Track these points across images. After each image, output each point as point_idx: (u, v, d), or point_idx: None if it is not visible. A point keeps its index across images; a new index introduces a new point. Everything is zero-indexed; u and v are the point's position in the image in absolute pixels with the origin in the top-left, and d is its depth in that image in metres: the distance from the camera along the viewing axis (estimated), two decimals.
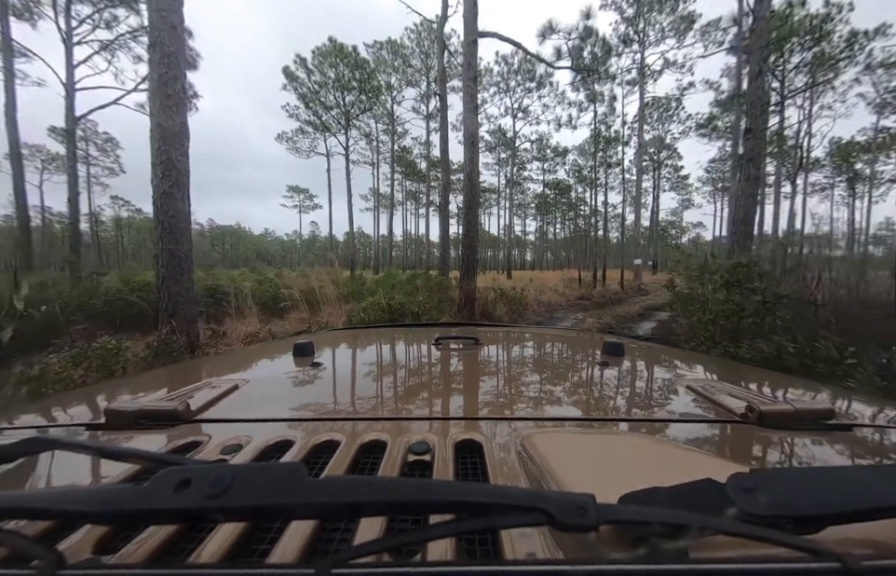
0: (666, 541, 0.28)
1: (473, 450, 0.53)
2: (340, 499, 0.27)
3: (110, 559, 0.33)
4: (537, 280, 22.37)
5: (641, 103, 20.45)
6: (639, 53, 19.90)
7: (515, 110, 25.91)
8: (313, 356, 1.05)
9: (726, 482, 0.31)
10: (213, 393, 0.71)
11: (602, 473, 0.48)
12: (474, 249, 8.32)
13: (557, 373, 1.01)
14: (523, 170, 47.42)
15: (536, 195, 53.93)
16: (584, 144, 38.89)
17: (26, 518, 0.35)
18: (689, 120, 35.52)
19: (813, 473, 0.34)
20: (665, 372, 1.02)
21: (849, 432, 0.59)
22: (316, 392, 0.82)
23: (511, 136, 26.41)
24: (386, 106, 28.28)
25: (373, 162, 37.35)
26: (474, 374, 0.96)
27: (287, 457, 0.50)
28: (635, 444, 0.57)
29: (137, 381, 1.01)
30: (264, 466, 0.32)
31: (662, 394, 0.83)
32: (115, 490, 0.30)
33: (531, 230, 73.48)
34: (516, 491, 0.32)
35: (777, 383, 0.94)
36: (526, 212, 65.25)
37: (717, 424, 0.63)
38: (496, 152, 40.52)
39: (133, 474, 0.45)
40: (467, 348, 1.19)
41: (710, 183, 50.60)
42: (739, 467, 0.38)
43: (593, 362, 1.07)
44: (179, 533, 0.36)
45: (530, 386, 0.87)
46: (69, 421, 0.67)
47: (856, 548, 0.32)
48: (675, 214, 64.46)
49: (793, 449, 0.55)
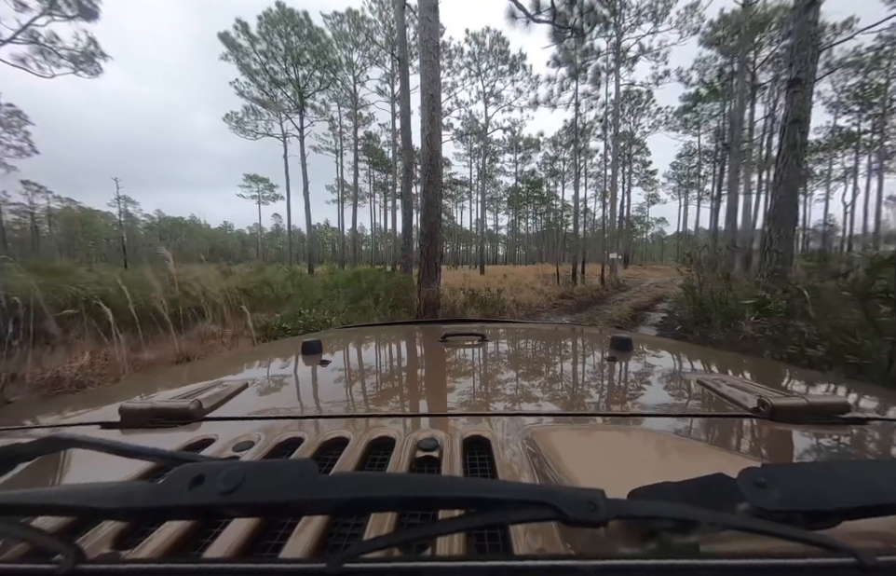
0: (676, 537, 0.28)
1: (481, 446, 0.53)
2: (350, 495, 0.27)
3: (127, 554, 0.34)
4: (512, 276, 21.07)
5: (617, 90, 19.50)
6: (614, 38, 18.89)
7: (487, 95, 24.33)
8: (321, 354, 1.05)
9: (738, 477, 0.31)
10: (224, 392, 0.72)
11: (611, 469, 0.47)
12: (436, 240, 6.40)
13: (564, 368, 1.01)
14: (496, 161, 46.29)
15: (509, 188, 53.06)
16: (557, 136, 38.18)
17: (46, 515, 0.36)
18: (659, 114, 35.84)
19: (826, 468, 0.33)
20: (674, 366, 1.01)
21: (864, 426, 0.58)
22: (324, 390, 0.83)
23: (483, 124, 24.74)
24: (347, 86, 25.74)
25: (337, 149, 34.49)
26: (481, 370, 0.96)
27: (297, 454, 0.51)
28: (644, 438, 0.56)
29: (150, 381, 1.04)
30: (276, 463, 0.32)
31: (671, 389, 0.82)
32: (131, 487, 0.31)
33: (503, 224, 73.07)
34: (525, 487, 0.32)
35: (790, 377, 0.94)
36: (499, 207, 64.49)
37: (728, 419, 0.61)
38: (468, 142, 38.92)
39: (148, 472, 0.46)
40: (473, 344, 1.18)
41: (675, 179, 52.01)
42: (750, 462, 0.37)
43: (601, 357, 1.05)
44: (193, 529, 0.37)
45: (537, 382, 0.87)
46: (84, 420, 0.68)
47: (870, 543, 0.31)
48: (641, 210, 66.07)
49: (806, 444, 0.54)
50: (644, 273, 26.65)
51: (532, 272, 21.88)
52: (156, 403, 0.64)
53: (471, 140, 36.75)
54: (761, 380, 0.81)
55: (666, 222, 77.75)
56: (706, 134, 37.36)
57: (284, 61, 19.58)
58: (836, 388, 0.80)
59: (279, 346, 1.43)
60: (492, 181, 55.52)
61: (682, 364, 1.02)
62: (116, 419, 0.62)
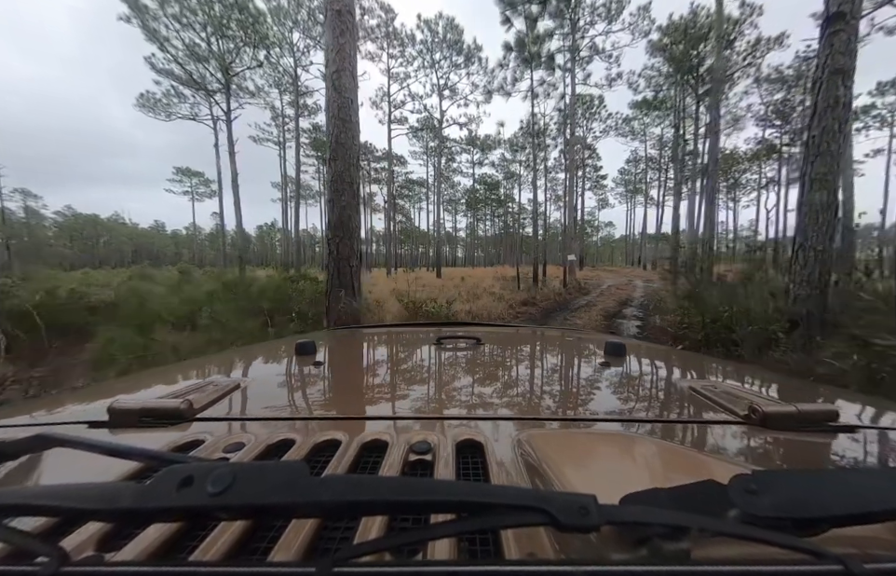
0: (668, 543, 0.29)
1: (474, 450, 0.53)
2: (341, 498, 0.27)
3: (113, 556, 0.33)
4: (470, 279, 19.86)
5: (573, 89, 19.14)
6: (570, 37, 18.50)
7: (441, 87, 23.04)
8: (314, 355, 1.04)
9: (728, 483, 0.31)
10: (216, 392, 0.71)
11: (603, 474, 0.48)
12: (351, 231, 4.47)
13: (558, 373, 1.01)
14: (453, 161, 45.27)
15: (467, 190, 52.40)
16: (513, 137, 37.96)
17: (30, 515, 0.35)
18: (610, 120, 36.92)
19: (816, 475, 0.34)
20: (667, 373, 1.01)
21: (853, 433, 0.58)
22: (317, 392, 0.82)
23: (438, 118, 23.38)
24: (289, 71, 23.12)
25: (280, 141, 31.31)
26: (475, 373, 0.95)
27: (289, 455, 0.50)
28: (637, 444, 0.56)
29: (140, 379, 1.00)
30: (266, 465, 0.32)
31: (664, 395, 0.82)
32: (118, 488, 0.30)
33: (462, 227, 72.55)
34: (517, 491, 0.32)
35: (780, 385, 0.93)
36: (457, 208, 63.75)
37: (719, 425, 0.61)
38: (423, 139, 37.46)
39: (136, 472, 0.46)
40: (468, 347, 1.18)
41: (622, 184, 54.61)
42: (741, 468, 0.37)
43: (595, 362, 1.05)
44: (181, 531, 0.36)
45: (531, 386, 0.87)
46: (72, 419, 0.67)
47: (858, 550, 0.32)
48: (591, 214, 68.83)
49: (796, 451, 0.55)
50: (600, 275, 26.84)
51: (490, 274, 20.92)
52: (146, 402, 0.63)
53: (427, 137, 35.33)
54: (752, 387, 0.85)
55: (613, 225, 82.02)
56: (651, 141, 39.38)
57: (204, 31, 16.73)
58: (826, 396, 0.80)
59: (272, 346, 1.41)
60: (450, 182, 54.64)
61: (674, 371, 1.03)
62: (105, 419, 0.61)
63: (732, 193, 45.43)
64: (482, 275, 23.88)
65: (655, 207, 42.24)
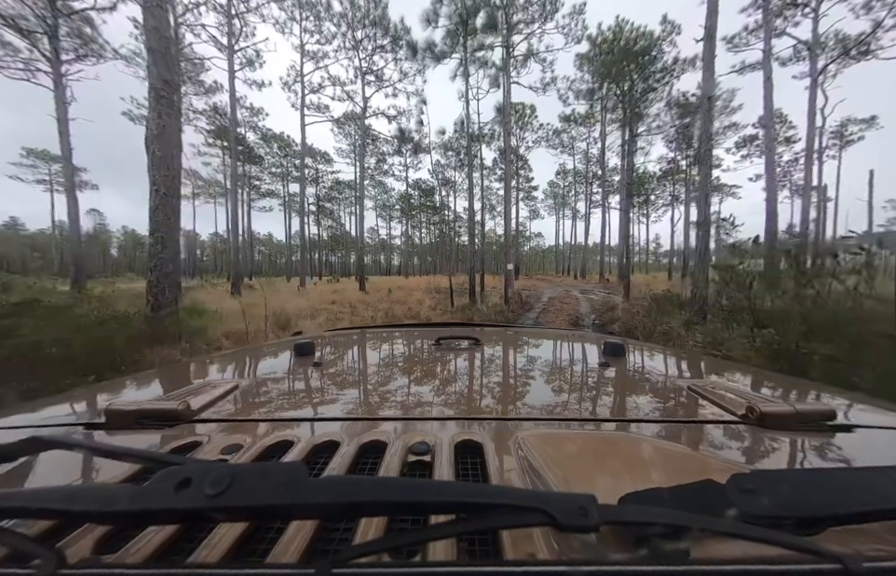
0: (667, 542, 0.29)
1: (474, 451, 0.52)
2: (340, 499, 0.27)
3: (110, 559, 0.33)
4: (400, 291, 17.25)
5: (507, 91, 17.89)
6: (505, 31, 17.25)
7: (365, 71, 20.26)
8: (313, 356, 1.04)
9: (727, 483, 0.31)
10: (214, 393, 0.71)
11: (602, 474, 0.48)
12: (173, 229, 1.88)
13: (557, 373, 1.00)
14: (384, 162, 42.28)
15: (401, 195, 49.76)
16: (448, 141, 36.50)
17: (27, 517, 0.35)
18: (541, 130, 37.47)
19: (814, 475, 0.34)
20: (666, 372, 1.01)
21: (851, 432, 0.58)
22: (316, 392, 0.82)
23: (362, 105, 20.49)
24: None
25: None
26: (475, 374, 0.95)
27: (287, 457, 0.50)
28: (636, 444, 0.56)
29: (137, 381, 1.00)
30: (265, 466, 0.32)
31: (663, 395, 0.82)
32: (115, 490, 0.30)
33: (397, 234, 69.52)
34: (517, 492, 0.33)
35: (778, 384, 0.93)
36: (392, 214, 60.68)
37: (718, 425, 0.62)
38: (351, 136, 34.06)
39: (134, 474, 0.45)
40: (467, 348, 1.18)
41: (551, 196, 56.87)
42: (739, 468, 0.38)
43: (594, 362, 1.05)
44: (179, 533, 0.36)
45: (530, 386, 0.87)
46: (69, 421, 0.67)
47: (856, 549, 0.32)
48: (523, 224, 71.09)
49: (794, 450, 0.55)
50: (536, 284, 26.24)
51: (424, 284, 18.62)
52: (143, 403, 0.63)
53: (354, 133, 31.96)
54: (750, 387, 0.85)
55: (542, 236, 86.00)
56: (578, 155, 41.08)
57: None
58: (824, 395, 0.80)
59: (271, 347, 1.37)
60: (382, 187, 51.51)
61: (673, 371, 1.03)
62: (102, 420, 0.60)
63: (644, 209, 49.77)
64: (415, 285, 21.38)
65: (583, 220, 44.11)
